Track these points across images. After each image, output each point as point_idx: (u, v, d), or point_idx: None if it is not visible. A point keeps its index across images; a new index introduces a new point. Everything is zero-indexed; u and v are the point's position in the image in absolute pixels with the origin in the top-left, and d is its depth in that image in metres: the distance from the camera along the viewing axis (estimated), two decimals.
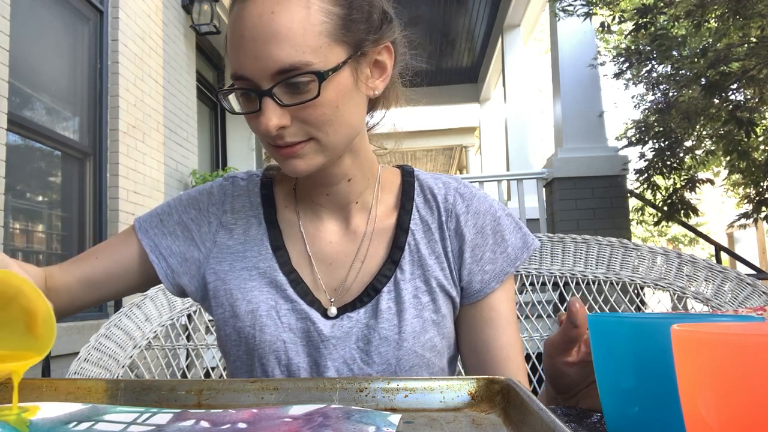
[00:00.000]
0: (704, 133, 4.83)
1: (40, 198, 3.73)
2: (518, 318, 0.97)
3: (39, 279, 0.79)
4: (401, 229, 0.81)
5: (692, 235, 12.31)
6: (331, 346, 0.77)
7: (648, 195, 5.00)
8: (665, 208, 4.87)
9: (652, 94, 4.93)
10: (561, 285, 1.33)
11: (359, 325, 0.78)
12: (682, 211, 4.79)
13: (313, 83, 0.66)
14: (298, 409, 0.49)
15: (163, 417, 0.49)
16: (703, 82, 4.17)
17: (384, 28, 0.74)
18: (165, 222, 0.85)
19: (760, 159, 4.55)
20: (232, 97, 0.75)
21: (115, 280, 0.84)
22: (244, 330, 0.78)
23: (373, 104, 0.81)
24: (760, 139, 4.69)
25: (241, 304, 0.79)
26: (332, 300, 0.80)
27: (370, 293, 0.79)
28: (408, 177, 0.86)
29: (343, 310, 0.79)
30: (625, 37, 5.05)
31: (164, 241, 0.84)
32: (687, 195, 4.82)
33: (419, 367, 0.79)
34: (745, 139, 4.31)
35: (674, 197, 4.83)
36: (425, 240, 0.81)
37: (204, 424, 0.47)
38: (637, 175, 4.94)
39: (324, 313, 0.79)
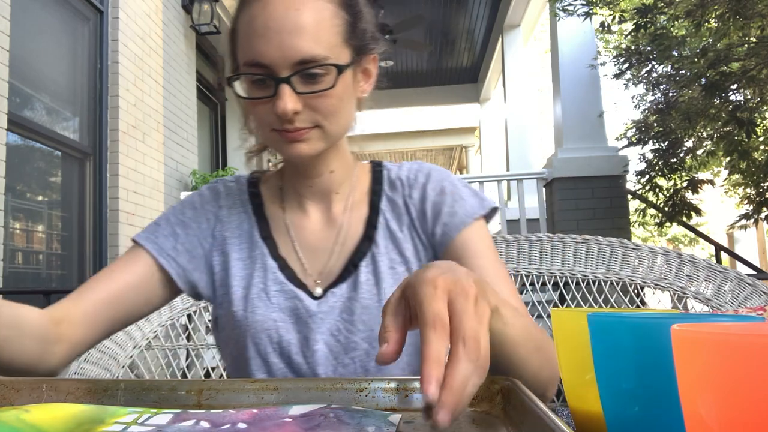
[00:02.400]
0: (704, 133, 4.83)
1: (40, 198, 3.73)
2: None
3: (41, 321, 0.74)
4: (373, 210, 0.90)
5: (692, 235, 12.31)
6: (318, 320, 0.83)
7: (650, 196, 5.00)
8: (667, 209, 4.86)
9: (652, 95, 4.93)
10: (561, 285, 1.33)
11: (342, 299, 0.84)
12: (684, 212, 4.78)
13: (327, 75, 0.75)
14: (298, 409, 0.49)
15: (163, 417, 0.49)
16: (703, 82, 4.16)
17: (376, 40, 0.84)
18: (162, 226, 0.89)
19: (760, 159, 4.54)
20: (236, 84, 0.80)
21: (133, 295, 0.83)
22: (238, 314, 0.84)
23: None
24: (761, 139, 4.69)
25: (236, 291, 0.85)
26: (318, 281, 0.86)
27: (350, 269, 0.86)
28: (377, 167, 0.95)
29: (327, 289, 0.85)
30: (625, 37, 5.04)
31: (167, 242, 0.87)
32: (688, 196, 4.82)
33: None
34: (746, 140, 4.30)
35: (676, 198, 4.82)
36: (394, 216, 0.89)
37: (204, 424, 0.47)
38: (639, 176, 4.93)
39: (310, 294, 0.85)
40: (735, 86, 4.20)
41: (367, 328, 0.83)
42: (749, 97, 4.36)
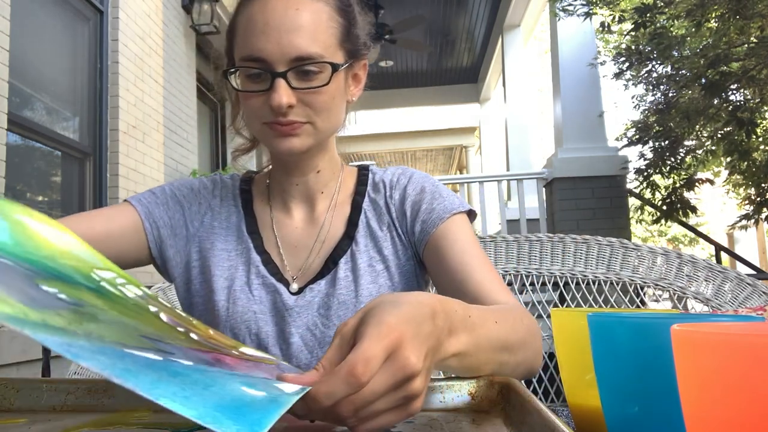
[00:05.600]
0: (704, 133, 4.83)
1: (40, 198, 3.73)
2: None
3: None
4: (355, 210, 0.93)
5: (692, 235, 12.31)
6: (294, 314, 0.86)
7: (647, 194, 5.00)
8: (664, 207, 4.87)
9: (652, 95, 4.93)
10: (561, 285, 1.33)
11: (320, 295, 0.87)
12: (681, 211, 4.79)
13: (322, 73, 0.79)
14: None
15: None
16: (703, 82, 4.16)
17: (367, 47, 0.89)
18: (158, 195, 0.92)
19: (760, 159, 4.54)
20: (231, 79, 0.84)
21: (109, 244, 0.84)
22: (219, 303, 0.86)
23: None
24: (760, 139, 4.69)
25: (218, 281, 0.88)
26: (295, 278, 0.89)
27: (329, 266, 0.88)
28: (363, 170, 0.98)
29: (306, 285, 0.88)
30: (624, 37, 5.04)
31: (157, 210, 0.90)
32: (686, 194, 4.82)
33: None
34: (746, 140, 4.30)
35: (673, 197, 4.83)
36: (375, 216, 0.92)
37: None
38: (637, 174, 4.94)
39: (289, 289, 0.88)
40: (735, 86, 4.21)
41: None
42: (749, 97, 4.36)
